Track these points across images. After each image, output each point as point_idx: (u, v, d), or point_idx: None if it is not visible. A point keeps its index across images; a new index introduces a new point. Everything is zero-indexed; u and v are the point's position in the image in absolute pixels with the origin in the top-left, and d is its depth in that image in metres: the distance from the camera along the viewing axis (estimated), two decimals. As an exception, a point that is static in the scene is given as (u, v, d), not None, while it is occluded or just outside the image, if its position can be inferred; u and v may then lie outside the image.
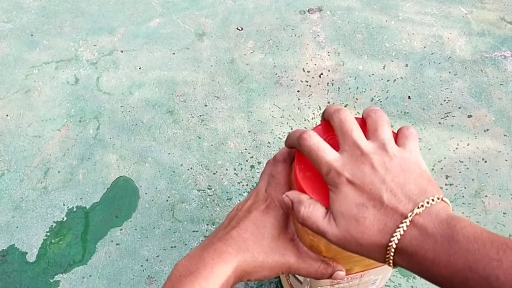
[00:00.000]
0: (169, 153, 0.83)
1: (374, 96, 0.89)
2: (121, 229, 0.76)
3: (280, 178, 0.43)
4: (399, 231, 0.32)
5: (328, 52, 0.96)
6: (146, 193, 0.80)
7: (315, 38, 0.99)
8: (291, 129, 0.86)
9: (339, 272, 0.42)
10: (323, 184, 0.39)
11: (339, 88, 0.91)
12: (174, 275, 0.38)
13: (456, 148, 0.82)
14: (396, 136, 0.38)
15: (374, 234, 0.33)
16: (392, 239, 0.32)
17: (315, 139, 0.38)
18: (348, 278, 0.49)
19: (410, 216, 0.32)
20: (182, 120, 0.88)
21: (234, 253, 0.38)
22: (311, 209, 0.36)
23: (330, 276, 0.41)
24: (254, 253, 0.38)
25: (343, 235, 0.34)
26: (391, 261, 0.34)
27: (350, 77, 0.92)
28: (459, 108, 0.87)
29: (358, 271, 0.47)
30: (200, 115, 0.89)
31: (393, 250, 0.32)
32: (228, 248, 0.38)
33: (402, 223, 0.32)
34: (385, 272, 0.52)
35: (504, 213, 0.75)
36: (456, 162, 0.80)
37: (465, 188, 0.77)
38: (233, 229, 0.39)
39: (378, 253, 0.34)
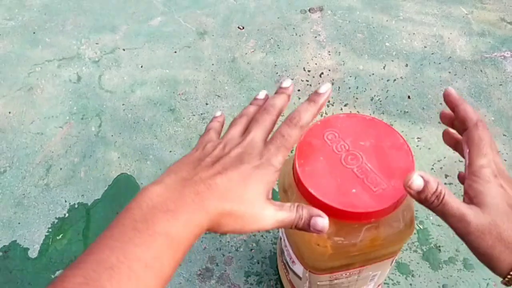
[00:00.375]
0: (170, 151, 0.84)
1: (374, 95, 0.90)
2: (122, 226, 0.77)
3: (290, 143, 0.39)
4: None
5: (329, 52, 0.97)
6: (147, 191, 0.80)
7: (316, 37, 0.99)
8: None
9: (318, 218, 0.38)
10: (324, 180, 0.40)
11: (339, 87, 0.91)
12: (145, 203, 0.32)
13: (456, 148, 0.82)
14: None
15: None
16: None
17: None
18: (347, 273, 0.49)
19: None
20: (183, 118, 0.89)
21: (215, 202, 0.34)
22: (449, 192, 0.37)
23: (308, 222, 0.38)
24: (233, 206, 0.35)
25: (488, 223, 0.35)
26: None
27: (350, 76, 0.93)
28: (459, 108, 0.87)
29: (356, 267, 0.48)
30: (201, 114, 0.89)
31: None
32: (210, 196, 0.34)
33: None
34: (384, 268, 0.52)
35: (502, 212, 0.75)
36: (455, 161, 0.81)
37: (464, 187, 0.78)
38: (218, 175, 0.35)
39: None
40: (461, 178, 0.45)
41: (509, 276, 0.35)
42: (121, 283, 0.28)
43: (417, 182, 0.36)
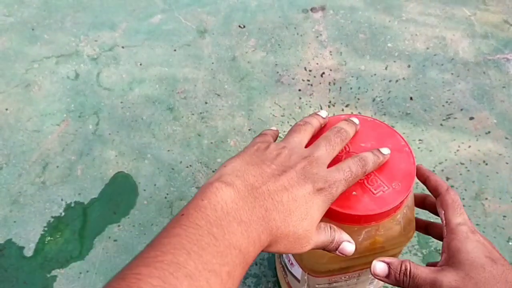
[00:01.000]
0: (168, 150, 0.83)
1: (376, 96, 0.89)
2: (119, 226, 0.76)
3: (352, 182, 0.38)
4: None
5: (330, 52, 0.96)
6: (144, 190, 0.79)
7: (317, 37, 0.98)
8: (292, 128, 0.86)
9: (347, 244, 0.39)
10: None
11: (340, 87, 0.90)
12: (220, 206, 0.31)
13: (457, 150, 0.81)
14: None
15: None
16: None
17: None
18: (346, 276, 0.48)
19: None
20: (182, 117, 0.88)
21: (279, 224, 0.33)
22: (414, 265, 0.39)
23: (337, 246, 0.38)
24: (292, 230, 0.34)
25: (462, 278, 0.36)
26: None
27: (352, 77, 0.92)
28: (461, 110, 0.87)
29: (356, 270, 0.47)
30: (200, 113, 0.88)
31: None
32: (277, 216, 0.33)
33: None
34: None
35: (504, 216, 0.74)
36: (457, 164, 0.80)
37: (465, 190, 0.77)
38: (284, 191, 0.34)
39: None
40: (431, 228, 0.49)
41: None
42: None
43: (379, 266, 0.39)
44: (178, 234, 0.29)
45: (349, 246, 0.38)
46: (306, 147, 0.40)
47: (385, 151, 0.42)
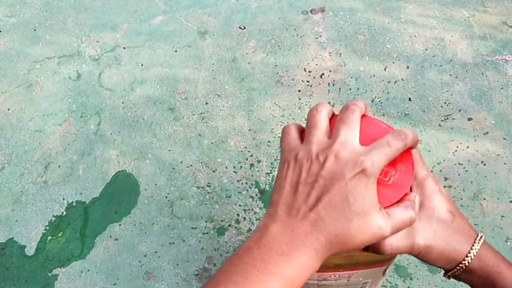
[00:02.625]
0: (169, 150, 0.84)
1: (375, 97, 0.89)
2: (120, 225, 0.77)
3: (394, 153, 0.38)
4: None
5: (330, 53, 0.96)
6: (145, 189, 0.80)
7: (317, 38, 0.99)
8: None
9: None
10: None
11: (340, 88, 0.91)
12: (263, 245, 0.35)
13: (456, 151, 0.82)
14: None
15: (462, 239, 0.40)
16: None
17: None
18: (336, 275, 0.48)
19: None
20: (183, 117, 0.88)
21: (322, 240, 0.35)
22: (395, 237, 0.40)
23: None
24: (340, 232, 0.35)
25: (433, 237, 0.39)
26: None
27: (351, 77, 0.92)
28: (459, 110, 0.87)
29: (346, 269, 0.47)
30: (201, 113, 0.89)
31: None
32: (318, 234, 0.35)
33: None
34: (375, 277, 0.51)
35: (502, 216, 0.75)
36: (455, 164, 0.80)
37: (463, 190, 0.78)
38: (319, 203, 0.35)
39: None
40: None
41: (455, 269, 0.40)
42: None
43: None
44: (228, 270, 0.35)
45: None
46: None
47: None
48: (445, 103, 0.88)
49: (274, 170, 0.81)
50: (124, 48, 0.99)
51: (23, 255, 0.74)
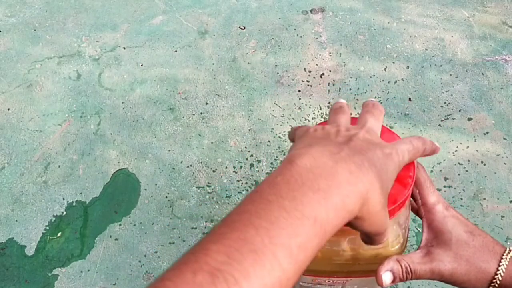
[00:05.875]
0: (169, 150, 0.84)
1: (375, 97, 0.89)
2: (120, 225, 0.77)
3: (419, 152, 0.38)
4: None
5: (330, 53, 0.96)
6: (145, 189, 0.80)
7: (317, 38, 0.99)
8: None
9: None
10: None
11: (340, 88, 0.91)
12: (294, 178, 0.29)
13: (456, 151, 0.82)
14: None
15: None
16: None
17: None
18: (330, 281, 0.47)
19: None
20: (183, 117, 0.88)
21: (367, 185, 0.30)
22: (411, 260, 0.40)
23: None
24: (382, 186, 0.31)
25: (453, 259, 0.38)
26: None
27: (351, 77, 0.92)
28: (459, 110, 0.87)
29: (340, 276, 0.46)
30: (201, 113, 0.89)
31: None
32: (363, 177, 0.30)
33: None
34: (371, 285, 0.50)
35: (502, 216, 0.75)
36: (455, 164, 0.80)
37: (463, 190, 0.78)
38: (363, 152, 0.31)
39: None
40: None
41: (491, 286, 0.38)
42: (264, 270, 0.26)
43: (386, 277, 0.39)
44: (248, 210, 0.28)
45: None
46: None
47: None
48: (445, 103, 0.88)
49: (274, 170, 0.81)
50: (124, 48, 0.99)
51: (23, 255, 0.74)
